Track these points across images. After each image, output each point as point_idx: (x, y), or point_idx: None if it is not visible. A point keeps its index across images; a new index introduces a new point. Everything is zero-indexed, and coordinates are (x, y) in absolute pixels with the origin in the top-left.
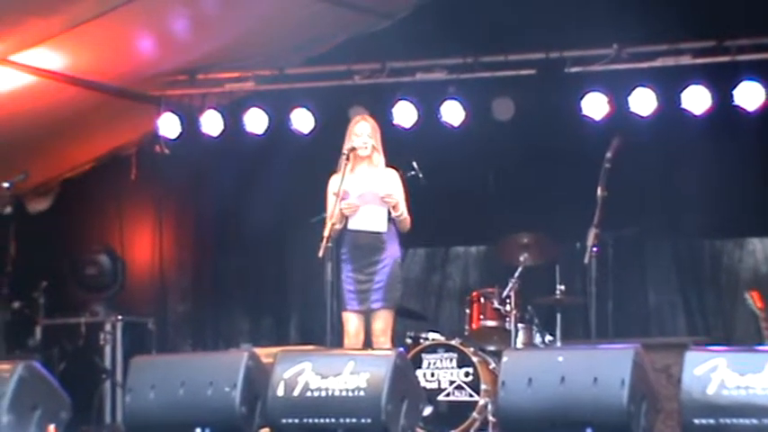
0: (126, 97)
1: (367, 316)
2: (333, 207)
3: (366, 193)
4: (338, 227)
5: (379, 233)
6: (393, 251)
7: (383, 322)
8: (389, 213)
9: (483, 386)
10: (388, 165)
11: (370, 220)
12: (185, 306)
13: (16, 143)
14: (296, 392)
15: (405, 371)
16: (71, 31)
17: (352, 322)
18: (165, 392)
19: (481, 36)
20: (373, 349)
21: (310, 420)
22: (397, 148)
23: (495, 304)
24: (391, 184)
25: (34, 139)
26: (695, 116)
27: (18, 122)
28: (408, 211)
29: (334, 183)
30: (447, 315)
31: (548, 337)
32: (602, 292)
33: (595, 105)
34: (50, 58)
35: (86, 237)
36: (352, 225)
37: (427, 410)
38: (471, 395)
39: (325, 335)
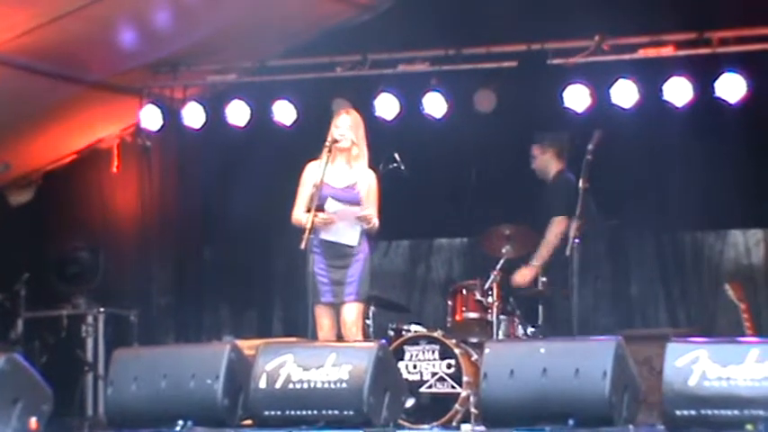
0: (108, 89)
1: (338, 308)
2: (311, 198)
3: (344, 210)
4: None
5: (351, 246)
6: (364, 247)
7: (355, 314)
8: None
9: (465, 378)
10: (370, 165)
11: (344, 234)
12: (168, 298)
13: None
14: (278, 384)
15: (387, 363)
16: (53, 24)
17: (327, 315)
18: (148, 385)
19: (463, 28)
20: (353, 341)
21: (292, 412)
22: (379, 140)
23: (478, 296)
24: (369, 190)
25: (16, 132)
26: (677, 108)
27: None
28: (381, 208)
29: (311, 171)
30: (430, 307)
31: (530, 329)
32: (584, 284)
33: (577, 97)
34: (31, 50)
35: (68, 229)
36: (325, 236)
37: (409, 402)
38: (453, 387)
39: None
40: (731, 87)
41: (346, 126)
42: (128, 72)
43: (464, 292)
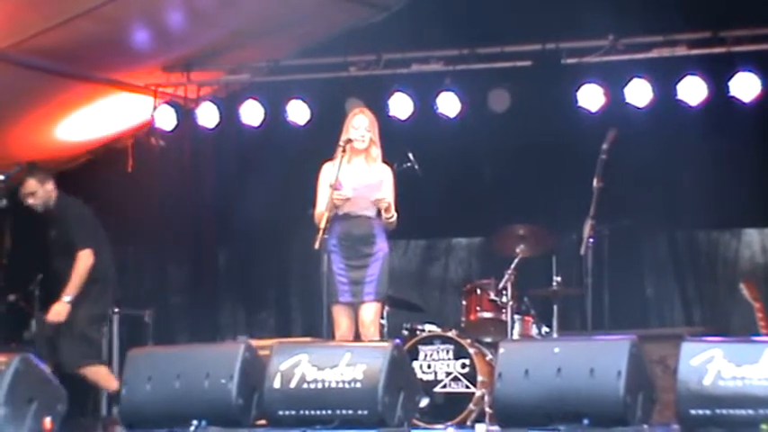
0: (122, 89)
1: (356, 307)
2: (328, 198)
3: (359, 187)
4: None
5: (369, 217)
6: (383, 245)
7: (373, 313)
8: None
9: (480, 377)
10: (384, 159)
11: (361, 207)
12: (182, 298)
13: (11, 136)
14: (292, 384)
15: (401, 362)
16: (66, 24)
17: (345, 314)
18: (162, 385)
19: (477, 27)
20: (368, 341)
21: (307, 412)
22: (392, 139)
23: (492, 296)
24: (385, 183)
25: (29, 132)
26: (691, 107)
27: (13, 115)
28: (398, 206)
29: (327, 172)
30: (448, 306)
31: (544, 329)
32: (599, 284)
33: (591, 97)
34: (44, 51)
35: None
36: (342, 210)
37: (424, 402)
38: (468, 386)
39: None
40: (745, 86)
41: (364, 126)
42: (142, 72)
43: (478, 291)
